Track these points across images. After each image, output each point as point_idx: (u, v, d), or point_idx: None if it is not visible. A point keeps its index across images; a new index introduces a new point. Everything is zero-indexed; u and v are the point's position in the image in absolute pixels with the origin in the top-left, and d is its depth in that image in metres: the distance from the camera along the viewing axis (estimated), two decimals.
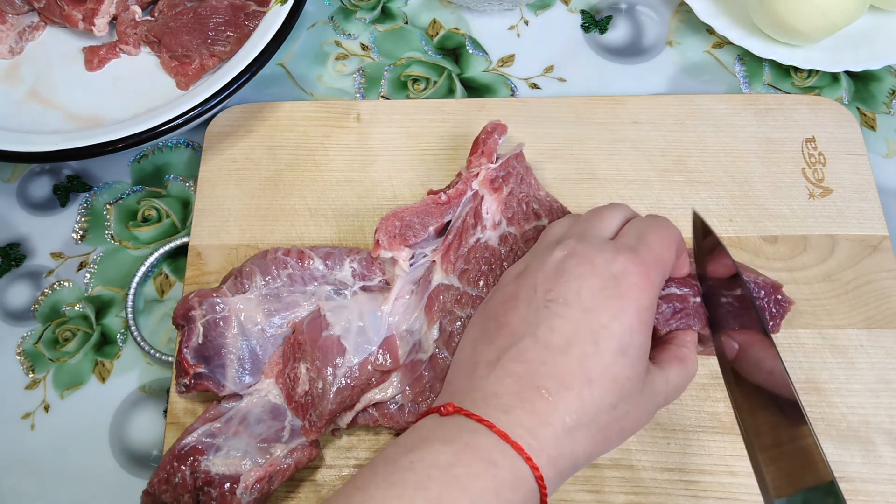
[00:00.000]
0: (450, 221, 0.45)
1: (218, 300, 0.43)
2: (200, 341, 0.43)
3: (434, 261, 0.44)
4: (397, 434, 0.44)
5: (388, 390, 0.42)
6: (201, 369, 0.42)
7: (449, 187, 0.46)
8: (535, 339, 0.34)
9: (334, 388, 0.41)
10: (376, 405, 0.43)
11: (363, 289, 0.45)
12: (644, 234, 0.37)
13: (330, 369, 0.42)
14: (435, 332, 0.43)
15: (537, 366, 0.33)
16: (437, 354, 0.43)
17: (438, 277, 0.44)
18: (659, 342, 0.40)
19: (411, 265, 0.44)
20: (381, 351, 0.42)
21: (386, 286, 0.45)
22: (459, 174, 0.47)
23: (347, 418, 0.42)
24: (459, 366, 0.36)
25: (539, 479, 0.31)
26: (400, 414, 0.42)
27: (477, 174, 0.46)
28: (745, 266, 0.43)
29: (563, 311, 0.34)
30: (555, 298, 0.34)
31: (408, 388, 0.42)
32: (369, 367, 0.42)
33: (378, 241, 0.44)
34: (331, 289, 0.45)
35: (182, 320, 0.43)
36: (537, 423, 0.32)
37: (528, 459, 0.31)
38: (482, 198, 0.46)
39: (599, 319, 0.33)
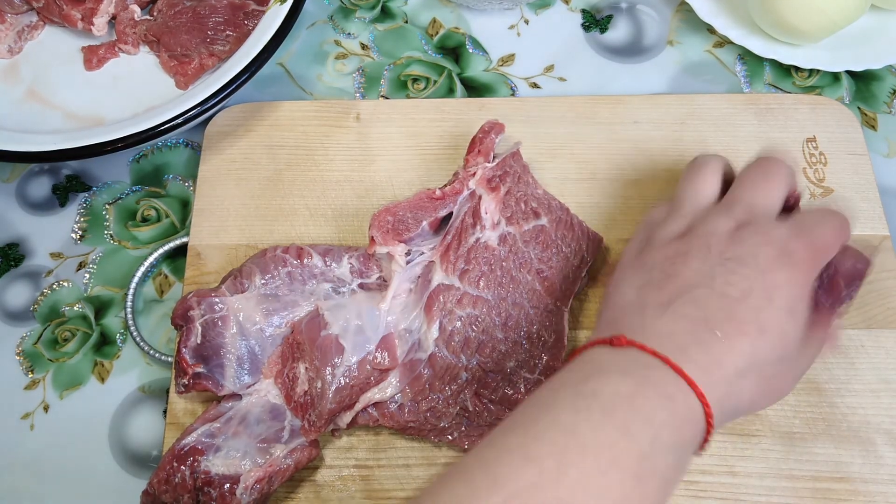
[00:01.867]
0: (445, 217, 0.45)
1: (216, 300, 0.43)
2: (199, 341, 0.43)
3: (433, 261, 0.44)
4: (399, 432, 0.44)
5: (388, 390, 0.42)
6: (200, 369, 0.42)
7: (446, 186, 0.46)
8: (711, 289, 0.34)
9: (333, 388, 0.41)
10: (376, 405, 0.43)
11: (361, 286, 0.45)
12: (823, 218, 0.37)
13: (329, 369, 0.42)
14: (435, 331, 0.43)
15: (713, 310, 0.34)
16: (436, 353, 0.42)
17: (439, 277, 0.43)
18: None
19: (408, 262, 0.44)
20: (379, 350, 0.42)
21: (383, 283, 0.45)
22: (456, 173, 0.47)
23: (347, 418, 0.42)
24: (624, 308, 0.36)
25: (709, 416, 0.32)
26: (400, 413, 0.42)
27: (473, 173, 0.46)
28: None
29: (740, 268, 0.35)
30: (732, 257, 0.35)
31: (407, 388, 0.42)
32: (368, 365, 0.42)
33: (372, 237, 0.44)
34: (329, 287, 0.45)
35: (181, 320, 0.43)
36: (711, 363, 0.33)
37: (700, 396, 0.32)
38: (480, 197, 0.45)
39: (774, 280, 0.35)
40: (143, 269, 0.51)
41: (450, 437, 0.42)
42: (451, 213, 0.45)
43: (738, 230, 0.36)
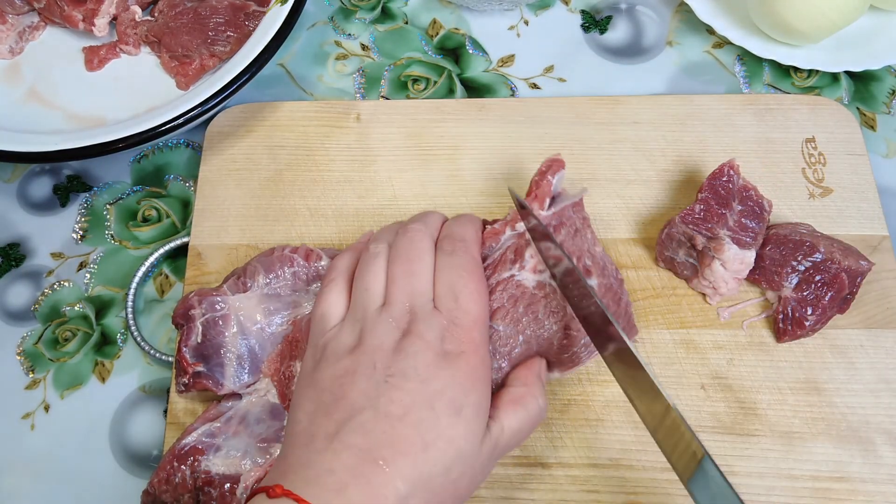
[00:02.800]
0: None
1: (218, 299, 0.43)
2: (199, 340, 0.43)
3: None
4: None
5: None
6: (200, 368, 0.42)
7: (495, 223, 0.43)
8: (375, 411, 0.34)
9: None
10: None
11: None
12: (457, 293, 0.38)
13: None
14: None
15: (377, 436, 0.33)
16: None
17: None
18: (499, 388, 0.40)
19: None
20: None
21: None
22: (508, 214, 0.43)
23: None
24: (295, 438, 0.35)
25: None
26: None
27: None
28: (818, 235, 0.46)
29: (402, 383, 0.35)
30: (394, 373, 0.35)
31: None
32: None
33: None
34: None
35: (181, 319, 0.43)
36: (368, 499, 0.32)
37: None
38: (529, 242, 0.42)
39: (434, 386, 0.35)
40: (143, 269, 0.51)
41: None
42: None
43: (403, 339, 0.36)
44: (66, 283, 0.52)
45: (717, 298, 0.47)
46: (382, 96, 0.58)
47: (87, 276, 0.52)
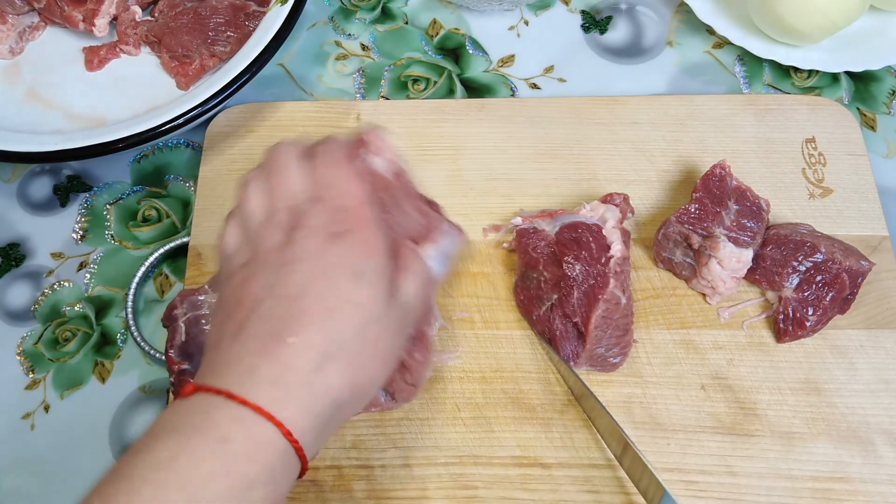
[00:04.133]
0: None
1: (199, 298, 0.44)
2: (184, 339, 0.43)
3: None
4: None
5: None
6: (185, 366, 0.42)
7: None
8: (274, 298, 0.33)
9: None
10: None
11: None
12: (333, 181, 0.37)
13: None
14: None
15: (279, 318, 0.33)
16: None
17: None
18: None
19: None
20: None
21: None
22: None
23: None
24: (206, 350, 0.35)
25: (287, 434, 0.30)
26: None
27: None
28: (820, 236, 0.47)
29: (296, 266, 0.34)
30: (286, 261, 0.35)
31: None
32: None
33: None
34: None
35: (167, 321, 0.44)
36: (281, 371, 0.31)
37: (269, 417, 0.30)
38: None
39: (329, 260, 0.34)
40: (143, 269, 0.51)
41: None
42: None
43: (290, 234, 0.36)
44: (66, 284, 0.52)
45: (716, 298, 0.47)
46: (382, 96, 0.58)
47: (87, 276, 0.52)
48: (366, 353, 0.33)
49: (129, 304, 0.50)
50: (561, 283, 0.45)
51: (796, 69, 0.58)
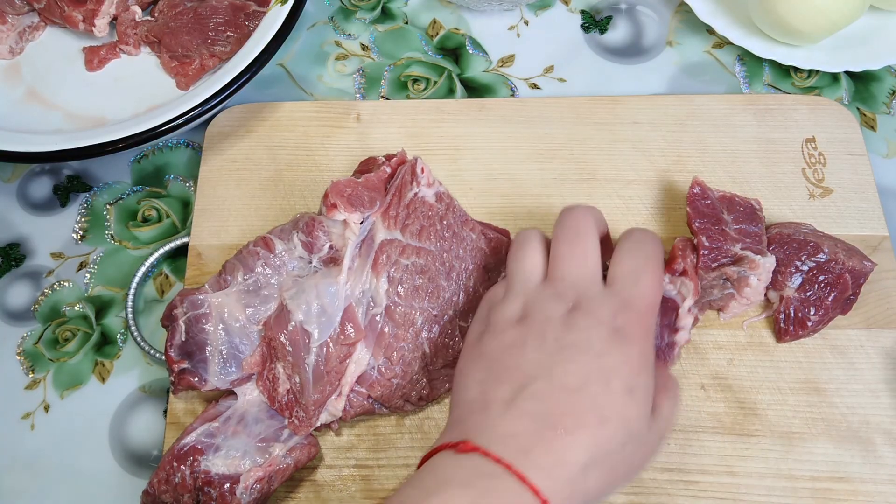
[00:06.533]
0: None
1: (199, 297, 0.44)
2: (183, 338, 0.43)
3: (374, 220, 0.45)
4: (393, 408, 0.44)
5: (362, 358, 0.43)
6: (184, 365, 0.42)
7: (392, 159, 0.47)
8: (549, 381, 0.35)
9: (311, 378, 0.41)
10: (360, 381, 0.43)
11: (322, 262, 0.45)
12: (638, 278, 0.38)
13: (302, 360, 0.42)
14: (384, 283, 0.44)
15: (553, 404, 0.34)
16: (390, 305, 0.44)
17: (382, 234, 0.44)
18: None
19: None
20: (344, 324, 0.43)
21: (337, 253, 0.45)
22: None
23: (340, 405, 0.43)
24: (468, 405, 0.36)
25: None
26: (381, 377, 0.43)
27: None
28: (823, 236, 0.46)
29: (576, 356, 0.35)
30: (567, 346, 0.35)
31: (375, 347, 0.43)
32: (336, 344, 0.42)
33: (335, 203, 0.43)
34: (294, 266, 0.45)
35: (166, 321, 0.44)
36: (554, 464, 0.33)
37: (545, 503, 0.32)
38: (417, 158, 0.47)
39: (608, 363, 0.35)
40: (143, 269, 0.51)
41: (419, 397, 0.44)
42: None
43: (571, 313, 0.37)
44: (66, 283, 0.52)
45: (739, 311, 0.47)
46: (382, 96, 0.58)
47: (87, 276, 0.52)
48: (621, 468, 0.35)
49: (129, 304, 0.50)
50: None
51: (796, 69, 0.58)
